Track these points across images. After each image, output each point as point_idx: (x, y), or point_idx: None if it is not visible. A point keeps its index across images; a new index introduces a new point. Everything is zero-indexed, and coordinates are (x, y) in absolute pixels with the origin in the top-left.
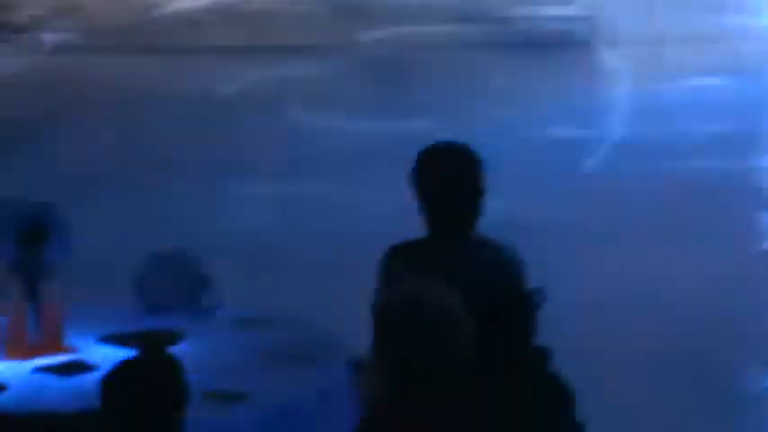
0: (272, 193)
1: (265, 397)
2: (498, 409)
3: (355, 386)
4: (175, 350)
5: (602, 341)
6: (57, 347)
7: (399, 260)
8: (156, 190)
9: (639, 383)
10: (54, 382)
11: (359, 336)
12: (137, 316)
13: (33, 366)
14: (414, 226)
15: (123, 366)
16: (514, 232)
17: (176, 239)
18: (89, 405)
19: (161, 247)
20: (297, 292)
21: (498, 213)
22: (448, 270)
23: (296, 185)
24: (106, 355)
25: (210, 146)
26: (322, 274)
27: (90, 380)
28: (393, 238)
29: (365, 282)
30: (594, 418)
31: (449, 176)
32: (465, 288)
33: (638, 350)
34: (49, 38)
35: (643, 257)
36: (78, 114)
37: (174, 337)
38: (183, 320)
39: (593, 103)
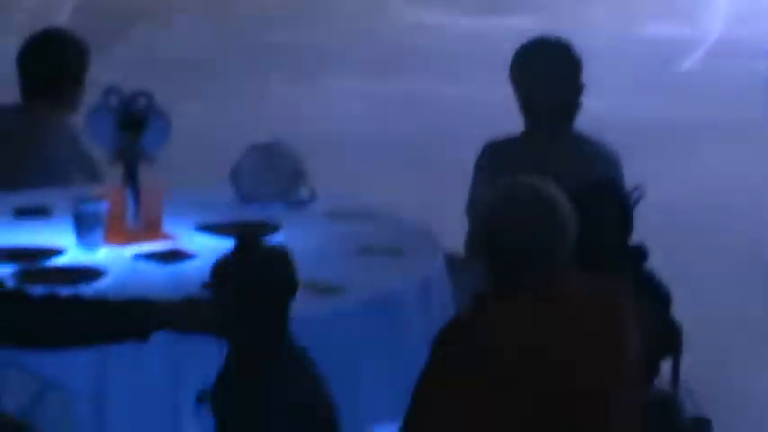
0: (371, 89)
1: (360, 289)
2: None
3: (451, 280)
4: (271, 241)
5: (694, 241)
6: (155, 234)
7: (496, 156)
8: (255, 81)
9: (727, 285)
10: (152, 268)
11: (455, 231)
12: (233, 206)
13: (132, 253)
14: (513, 123)
15: (235, 253)
16: (612, 130)
17: (274, 131)
18: (187, 293)
19: (259, 139)
20: (393, 188)
21: (596, 111)
22: (545, 165)
23: (395, 81)
24: (203, 244)
25: (311, 37)
26: (419, 169)
27: (187, 268)
28: (491, 135)
29: (462, 178)
30: (687, 322)
31: (548, 73)
32: (562, 183)
33: (728, 251)
34: None
35: (740, 157)
36: (180, 2)
37: (269, 229)
38: (278, 212)
39: (692, 1)
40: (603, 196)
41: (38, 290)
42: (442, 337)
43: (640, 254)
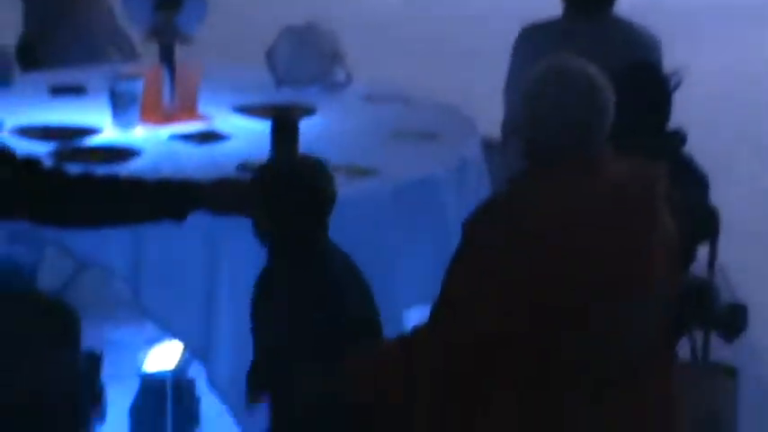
0: None
1: (396, 172)
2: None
3: (486, 164)
4: (306, 124)
5: (735, 126)
6: (191, 115)
7: (534, 40)
8: None
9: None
10: (187, 149)
11: (488, 116)
12: (269, 88)
13: (168, 133)
14: (551, 6)
15: (274, 165)
16: (653, 15)
17: (310, 13)
18: (222, 173)
19: (295, 21)
20: (430, 72)
21: None
22: (584, 49)
23: None
24: (239, 126)
25: None
26: (456, 54)
27: (222, 149)
28: (528, 19)
29: (499, 62)
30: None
31: None
32: (601, 66)
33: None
34: None
35: None
36: None
37: (305, 111)
38: (314, 94)
39: None
40: (641, 79)
41: (74, 169)
42: (477, 218)
43: (678, 138)
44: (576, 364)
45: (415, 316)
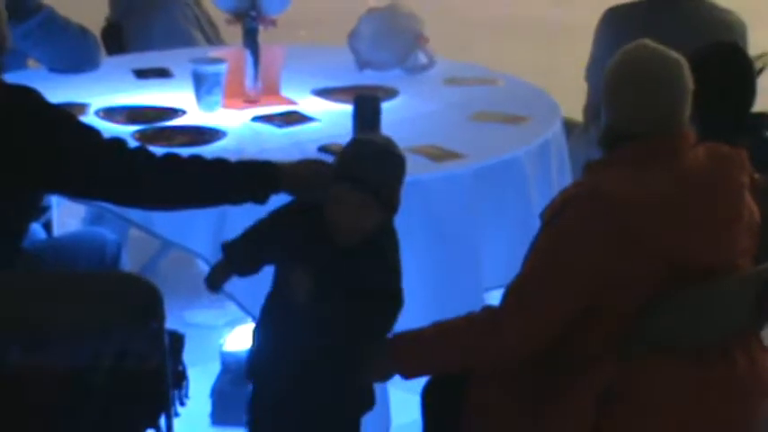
0: None
1: (478, 154)
2: None
3: (568, 145)
4: (389, 106)
5: None
6: (274, 97)
7: (617, 22)
8: None
9: None
10: (270, 131)
11: (570, 97)
12: (352, 71)
13: (251, 115)
14: None
15: (364, 143)
16: None
17: None
18: (304, 156)
19: (378, 5)
20: (508, 55)
21: None
22: (668, 32)
23: None
24: (321, 108)
25: None
26: (533, 37)
27: (305, 131)
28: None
29: (576, 45)
30: None
31: None
32: (685, 48)
33: None
34: None
35: None
36: None
37: (387, 93)
38: (397, 77)
39: None
40: (724, 62)
41: (158, 150)
42: (562, 201)
43: (762, 122)
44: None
45: (497, 298)
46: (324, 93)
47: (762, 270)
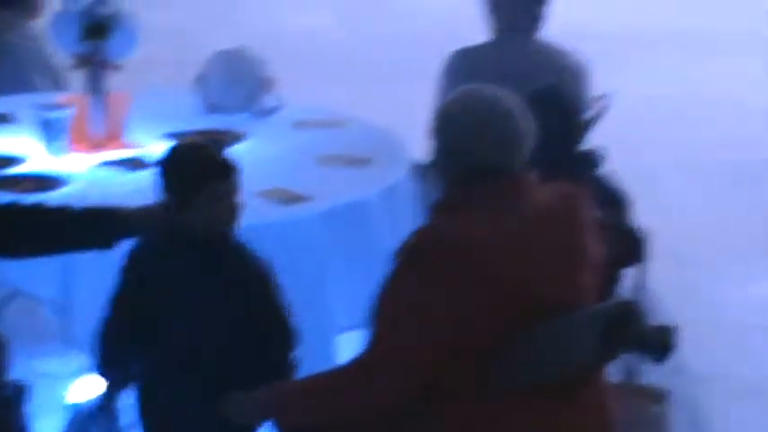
0: None
1: (325, 198)
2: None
3: (416, 189)
4: (235, 150)
5: (660, 150)
6: (119, 143)
7: (461, 65)
8: None
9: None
10: (116, 176)
11: (419, 140)
12: (199, 115)
13: (96, 161)
14: (478, 30)
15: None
16: (580, 39)
17: (239, 40)
18: (150, 201)
19: (224, 47)
20: (359, 97)
21: (563, 19)
22: (509, 75)
23: None
24: None
25: None
26: (383, 76)
27: (151, 176)
28: (457, 43)
29: (426, 85)
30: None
31: None
32: (523, 90)
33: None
34: None
35: (706, 66)
36: None
37: (234, 137)
38: (244, 121)
39: None
40: (545, 104)
41: (1, 198)
42: (410, 246)
43: (590, 160)
44: (512, 378)
45: (347, 341)
46: (175, 137)
47: (607, 306)
